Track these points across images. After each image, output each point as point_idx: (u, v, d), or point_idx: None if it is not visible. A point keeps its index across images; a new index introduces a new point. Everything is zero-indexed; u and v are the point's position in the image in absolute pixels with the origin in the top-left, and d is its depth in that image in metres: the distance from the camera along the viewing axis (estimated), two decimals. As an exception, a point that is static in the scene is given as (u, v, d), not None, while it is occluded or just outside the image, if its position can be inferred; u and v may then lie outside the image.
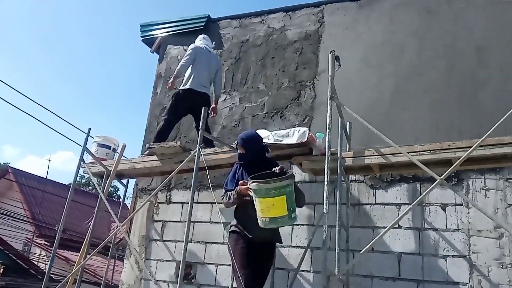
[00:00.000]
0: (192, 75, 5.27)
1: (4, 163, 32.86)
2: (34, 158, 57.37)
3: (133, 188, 6.16)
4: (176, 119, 5.46)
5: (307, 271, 4.64)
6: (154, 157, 5.22)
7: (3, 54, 56.29)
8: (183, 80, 5.37)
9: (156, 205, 5.78)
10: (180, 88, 5.33)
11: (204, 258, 5.23)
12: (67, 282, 5.25)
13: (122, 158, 5.50)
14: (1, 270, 11.53)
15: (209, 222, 5.38)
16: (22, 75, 58.06)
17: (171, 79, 5.31)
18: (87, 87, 66.03)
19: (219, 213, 4.84)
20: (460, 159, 3.37)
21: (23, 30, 60.49)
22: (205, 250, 5.26)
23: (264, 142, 4.52)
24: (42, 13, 63.71)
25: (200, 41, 5.67)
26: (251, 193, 3.29)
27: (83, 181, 30.98)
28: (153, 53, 6.98)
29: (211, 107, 5.38)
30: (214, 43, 5.91)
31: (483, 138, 3.32)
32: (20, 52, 61.28)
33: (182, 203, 5.63)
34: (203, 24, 6.48)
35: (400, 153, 3.82)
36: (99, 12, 66.42)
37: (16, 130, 59.09)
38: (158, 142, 5.13)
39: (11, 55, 59.61)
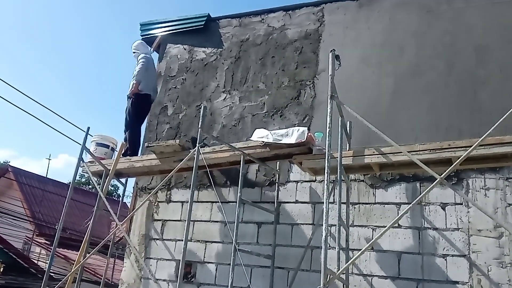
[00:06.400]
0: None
1: (4, 162, 32.85)
2: (29, 161, 57.21)
3: (133, 187, 6.16)
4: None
5: (307, 270, 4.64)
6: (153, 156, 5.23)
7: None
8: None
9: (156, 204, 5.78)
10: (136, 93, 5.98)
11: (204, 257, 5.22)
12: (67, 281, 5.26)
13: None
14: (1, 269, 11.53)
15: (209, 221, 5.37)
16: (19, 76, 57.97)
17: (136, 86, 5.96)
18: (86, 87, 66.05)
19: (223, 210, 4.84)
20: (460, 158, 3.37)
21: (21, 29, 60.44)
22: (205, 249, 5.26)
23: (263, 141, 4.54)
24: (41, 11, 63.69)
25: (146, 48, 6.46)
26: None
27: (83, 180, 30.94)
28: (153, 52, 6.97)
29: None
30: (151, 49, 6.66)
31: (483, 137, 3.32)
32: (17, 52, 61.25)
33: (182, 202, 5.62)
34: (203, 23, 6.47)
35: (400, 152, 3.82)
36: (98, 10, 66.39)
37: (12, 132, 58.67)
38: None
39: (10, 55, 59.55)
